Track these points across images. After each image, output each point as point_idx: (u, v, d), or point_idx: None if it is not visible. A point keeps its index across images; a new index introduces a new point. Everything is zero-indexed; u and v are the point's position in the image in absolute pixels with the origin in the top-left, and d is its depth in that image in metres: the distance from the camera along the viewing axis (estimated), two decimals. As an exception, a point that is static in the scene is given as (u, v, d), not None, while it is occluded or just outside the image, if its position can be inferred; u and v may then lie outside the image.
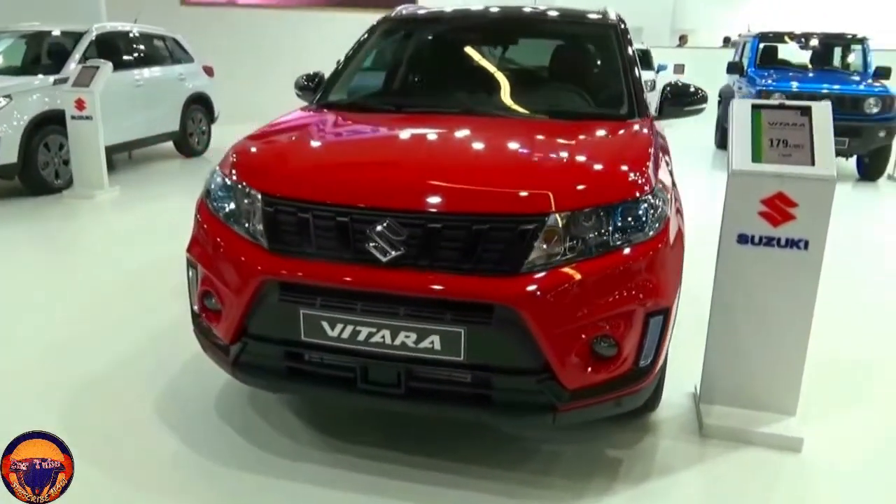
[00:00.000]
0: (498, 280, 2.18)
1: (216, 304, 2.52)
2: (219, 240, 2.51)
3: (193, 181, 8.25)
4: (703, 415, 2.88)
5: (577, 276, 2.19)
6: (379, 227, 2.24)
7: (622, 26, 3.60)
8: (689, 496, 2.51)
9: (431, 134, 2.92)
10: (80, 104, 6.54)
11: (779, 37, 10.89)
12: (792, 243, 2.73)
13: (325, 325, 2.27)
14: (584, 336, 2.22)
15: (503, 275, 2.18)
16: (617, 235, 2.28)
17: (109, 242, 5.65)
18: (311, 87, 3.66)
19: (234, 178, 2.58)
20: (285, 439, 2.69)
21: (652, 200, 2.37)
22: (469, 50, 3.71)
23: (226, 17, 12.67)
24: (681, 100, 3.32)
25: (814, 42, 10.84)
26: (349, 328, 2.25)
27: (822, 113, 2.78)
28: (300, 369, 2.42)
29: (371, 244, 2.24)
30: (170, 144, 9.12)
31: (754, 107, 2.84)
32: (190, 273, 2.67)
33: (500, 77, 3.51)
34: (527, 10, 3.81)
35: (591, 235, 2.25)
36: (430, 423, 2.78)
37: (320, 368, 2.39)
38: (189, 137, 9.19)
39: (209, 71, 9.65)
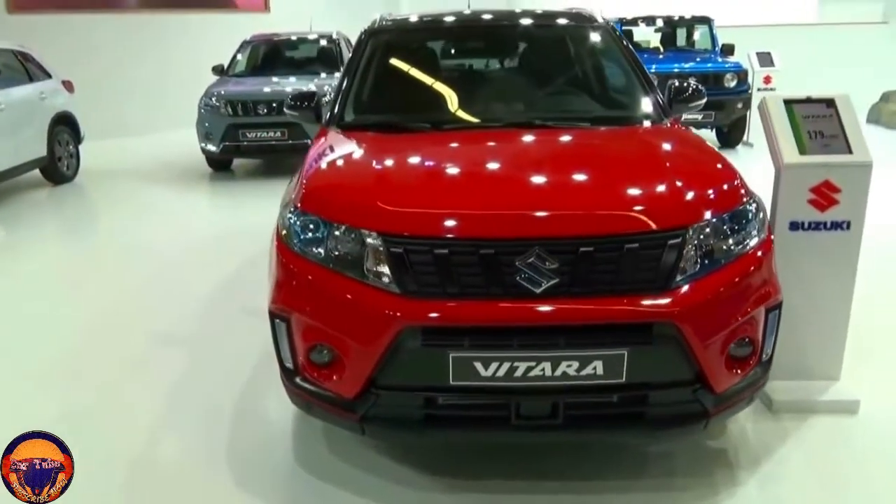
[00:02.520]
0: (653, 297, 2.18)
1: (329, 358, 2.32)
2: (327, 287, 2.30)
3: (76, 214, 7.57)
4: (770, 392, 3.07)
5: (721, 284, 2.25)
6: (529, 258, 2.16)
7: (610, 25, 3.71)
8: (800, 470, 2.66)
9: (512, 153, 2.85)
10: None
11: (633, 21, 11.67)
12: (836, 225, 2.97)
13: (479, 365, 2.16)
14: (729, 340, 2.29)
15: (657, 291, 2.19)
16: (740, 239, 2.36)
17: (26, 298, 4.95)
18: (307, 107, 3.42)
19: (329, 217, 2.37)
20: (401, 487, 2.53)
21: (756, 201, 2.48)
22: (478, 58, 3.64)
23: (64, 25, 11.39)
24: (686, 98, 3.47)
25: (660, 24, 11.75)
26: (505, 365, 2.16)
27: (845, 103, 3.04)
28: (441, 415, 2.28)
29: (521, 276, 2.16)
30: (33, 172, 8.10)
31: (786, 102, 3.05)
32: (279, 326, 2.42)
33: (521, 84, 3.49)
34: (524, 12, 3.80)
35: (722, 243, 2.32)
36: (533, 449, 2.72)
37: (466, 411, 2.27)
38: (58, 162, 8.22)
39: (69, 86, 8.67)
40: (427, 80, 3.57)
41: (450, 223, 2.25)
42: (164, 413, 3.15)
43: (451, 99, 3.41)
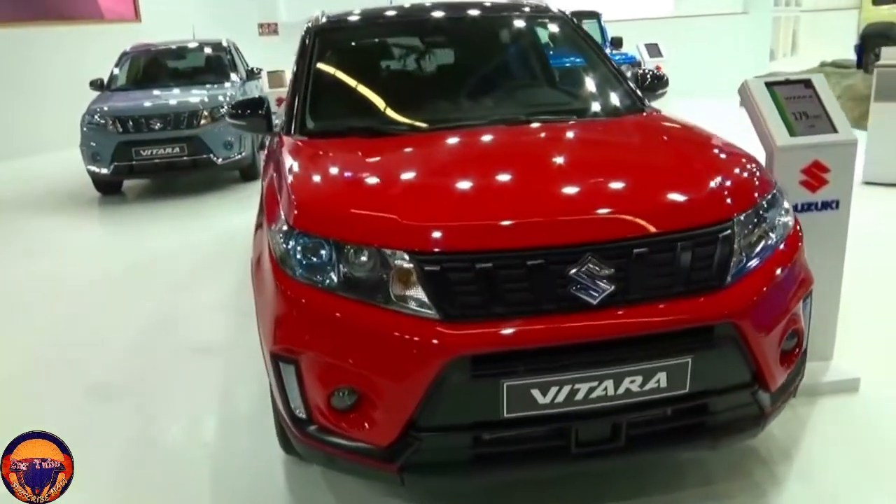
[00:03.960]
0: (711, 297, 2.02)
1: (353, 402, 1.99)
2: (347, 319, 1.97)
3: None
4: (775, 380, 3.02)
5: (770, 277, 2.13)
6: (582, 266, 1.93)
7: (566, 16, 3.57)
8: (832, 458, 2.59)
9: (526, 153, 2.60)
10: None
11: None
12: (826, 205, 2.96)
13: (536, 392, 1.91)
14: (781, 335, 2.17)
15: (713, 290, 2.03)
16: (777, 226, 2.25)
17: None
18: (256, 115, 3.05)
19: (338, 237, 2.04)
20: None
21: (779, 186, 2.38)
22: (439, 52, 3.37)
23: None
24: (651, 86, 3.38)
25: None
26: (566, 389, 1.92)
27: (821, 82, 3.04)
28: (492, 453, 2.01)
29: (575, 287, 1.93)
30: None
31: (768, 84, 3.01)
32: (285, 370, 2.07)
33: (493, 79, 3.25)
34: (482, 2, 3.56)
35: (762, 233, 2.20)
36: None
37: (520, 445, 2.00)
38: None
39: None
40: (391, 78, 3.28)
41: (492, 234, 1.98)
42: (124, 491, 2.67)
43: (424, 98, 3.13)
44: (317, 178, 2.44)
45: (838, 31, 18.10)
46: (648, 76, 3.38)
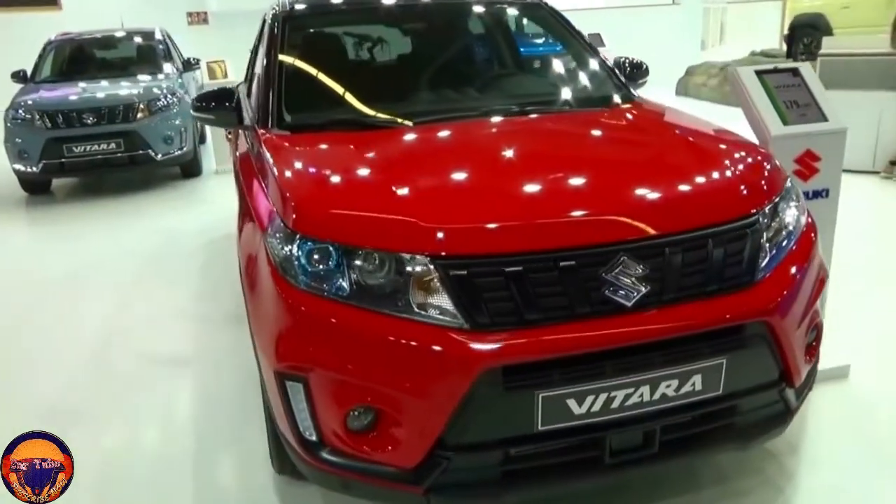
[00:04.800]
0: (743, 295, 1.94)
1: (370, 421, 1.83)
2: (362, 331, 1.80)
3: None
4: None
5: (795, 271, 2.07)
6: (616, 266, 1.82)
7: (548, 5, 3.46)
8: (838, 448, 2.58)
9: (536, 147, 2.47)
10: None
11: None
12: (817, 194, 2.95)
13: (572, 402, 1.79)
14: (807, 330, 2.11)
15: (744, 287, 1.95)
16: (794, 219, 2.19)
17: None
18: (225, 107, 2.81)
19: (348, 241, 1.86)
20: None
21: (792, 180, 2.33)
22: (419, 40, 3.19)
23: None
24: (633, 74, 3.31)
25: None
26: (602, 397, 1.81)
27: (808, 70, 3.02)
28: (522, 469, 1.87)
29: (610, 289, 1.81)
30: None
31: (758, 73, 2.97)
32: (293, 389, 1.89)
33: (478, 68, 3.10)
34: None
35: (782, 225, 2.13)
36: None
37: (552, 458, 1.88)
38: None
39: None
40: (370, 67, 3.08)
41: (522, 234, 1.84)
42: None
43: (407, 87, 2.95)
44: (313, 177, 2.24)
45: (763, 21, 18.75)
46: (627, 65, 3.30)
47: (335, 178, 2.21)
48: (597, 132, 2.66)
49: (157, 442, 2.88)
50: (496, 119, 2.71)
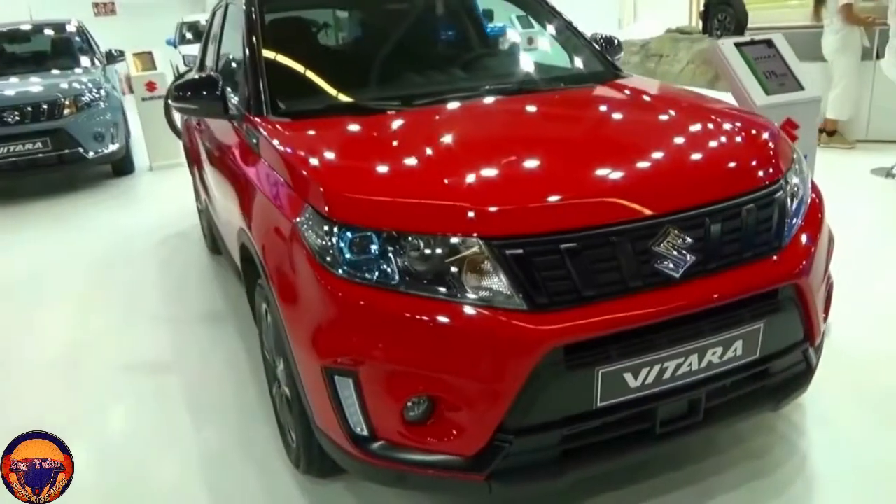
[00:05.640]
0: (774, 260, 2.00)
1: (426, 410, 1.80)
2: (417, 318, 1.75)
3: None
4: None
5: (813, 234, 2.15)
6: (664, 238, 1.83)
7: None
8: (835, 399, 2.70)
9: (560, 124, 2.47)
10: None
11: None
12: (797, 161, 3.07)
13: (628, 376, 1.81)
14: (825, 290, 2.20)
15: (775, 252, 2.01)
16: (803, 183, 2.27)
17: None
18: (209, 96, 2.67)
19: (393, 227, 1.81)
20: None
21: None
22: (403, 20, 3.11)
23: None
24: (610, 51, 3.34)
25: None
26: (655, 369, 1.83)
27: (781, 41, 3.14)
28: (580, 448, 1.88)
29: (659, 261, 1.83)
30: None
31: (737, 45, 3.06)
32: (342, 384, 1.82)
33: (472, 46, 3.05)
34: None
35: (795, 189, 2.21)
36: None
37: (606, 434, 1.89)
38: None
39: None
40: (362, 49, 2.98)
41: (575, 211, 1.82)
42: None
43: (402, 69, 2.87)
44: (342, 163, 2.16)
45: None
46: (602, 41, 3.33)
47: (365, 164, 2.13)
48: (612, 107, 2.67)
49: (163, 456, 2.69)
50: (506, 97, 2.68)
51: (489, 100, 2.65)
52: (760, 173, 2.07)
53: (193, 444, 2.71)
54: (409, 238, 1.80)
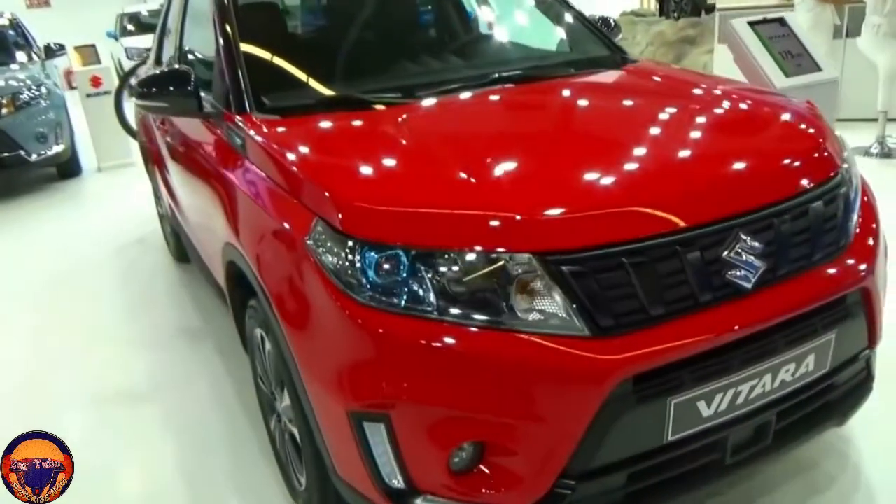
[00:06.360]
0: (842, 261, 1.80)
1: (477, 459, 1.55)
2: (460, 350, 1.49)
3: None
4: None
5: (872, 230, 1.96)
6: (734, 245, 1.61)
7: None
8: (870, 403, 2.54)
9: (595, 117, 2.22)
10: None
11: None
12: (815, 146, 2.90)
13: (702, 405, 1.59)
14: (884, 289, 2.02)
15: (840, 254, 1.81)
16: (856, 176, 2.08)
17: None
18: (181, 92, 2.34)
19: (426, 244, 1.54)
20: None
21: None
22: (391, 5, 2.81)
23: None
24: (612, 33, 3.12)
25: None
26: (730, 393, 1.62)
27: (793, 19, 2.96)
28: (646, 488, 1.65)
29: (730, 271, 1.60)
30: None
31: (750, 24, 2.86)
32: (372, 430, 1.55)
33: (470, 33, 2.78)
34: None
35: (851, 184, 2.01)
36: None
37: (674, 469, 1.66)
38: None
39: None
40: (348, 37, 2.66)
41: (637, 219, 1.58)
42: None
43: (396, 58, 2.57)
44: (355, 169, 1.85)
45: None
46: (600, 23, 3.10)
47: (382, 167, 1.84)
48: (646, 96, 2.41)
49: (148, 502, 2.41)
50: (522, 84, 2.42)
51: (502, 88, 2.38)
52: (823, 165, 1.87)
53: (181, 488, 2.40)
54: (445, 255, 1.53)
